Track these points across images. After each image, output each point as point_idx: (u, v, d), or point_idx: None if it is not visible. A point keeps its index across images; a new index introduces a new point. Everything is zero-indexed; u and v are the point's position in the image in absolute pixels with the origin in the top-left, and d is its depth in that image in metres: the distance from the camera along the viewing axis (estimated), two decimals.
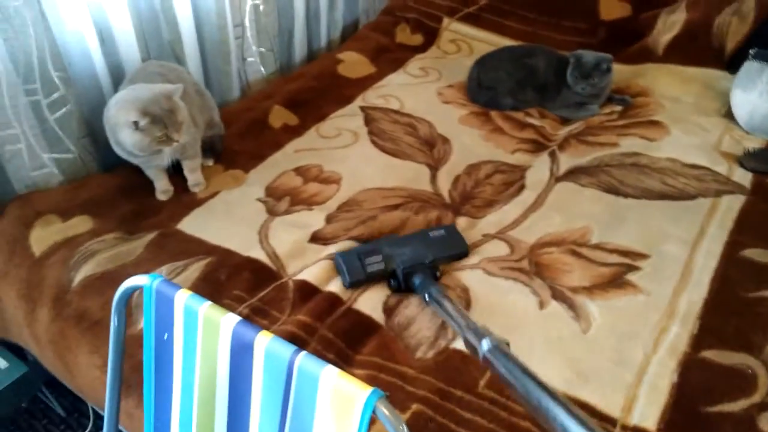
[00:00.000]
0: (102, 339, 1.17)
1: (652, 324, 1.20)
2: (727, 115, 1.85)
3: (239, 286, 1.29)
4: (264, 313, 1.24)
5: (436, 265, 1.31)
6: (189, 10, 1.77)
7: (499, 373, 0.88)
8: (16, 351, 1.47)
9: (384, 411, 0.66)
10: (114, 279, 1.28)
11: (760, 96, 1.76)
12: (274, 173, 1.64)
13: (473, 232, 1.45)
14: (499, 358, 0.90)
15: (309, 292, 1.27)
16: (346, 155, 1.72)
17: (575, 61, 1.88)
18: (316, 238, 1.43)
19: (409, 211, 1.50)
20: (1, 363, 1.45)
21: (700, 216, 1.47)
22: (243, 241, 1.40)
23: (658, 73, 2.06)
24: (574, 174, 1.64)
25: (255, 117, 1.85)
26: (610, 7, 2.29)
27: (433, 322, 1.21)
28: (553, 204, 1.54)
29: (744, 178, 1.60)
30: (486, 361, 0.92)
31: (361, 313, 1.24)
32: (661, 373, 1.11)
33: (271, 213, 1.50)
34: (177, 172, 1.57)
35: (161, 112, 1.35)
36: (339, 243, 1.39)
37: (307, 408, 0.72)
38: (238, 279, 1.30)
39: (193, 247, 1.39)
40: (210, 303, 0.80)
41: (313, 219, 1.48)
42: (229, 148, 1.72)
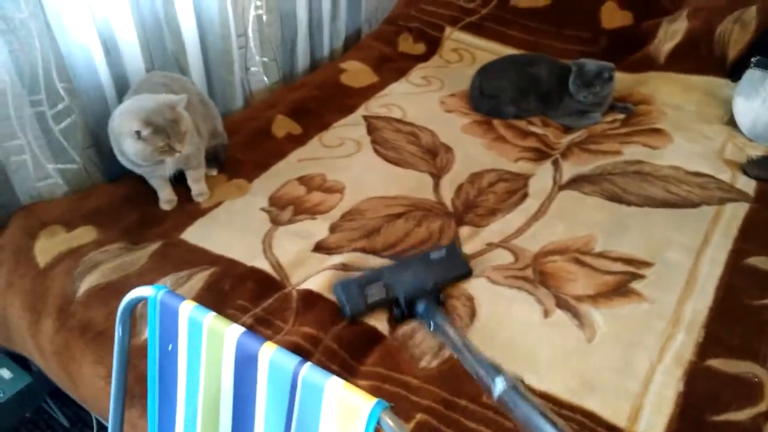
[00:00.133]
0: (106, 349, 1.17)
1: (657, 332, 1.20)
2: (730, 122, 1.85)
3: (243, 295, 1.29)
4: (268, 323, 1.24)
5: (439, 289, 1.29)
6: (192, 20, 1.79)
7: (515, 414, 0.86)
8: (21, 361, 1.47)
9: (389, 422, 0.66)
10: (118, 289, 1.28)
11: (763, 104, 1.76)
12: (278, 183, 1.64)
13: (476, 240, 1.45)
14: (515, 400, 0.87)
15: (312, 302, 1.27)
16: (349, 164, 1.72)
17: (577, 70, 1.89)
18: (319, 247, 1.43)
19: (412, 221, 1.50)
20: (6, 373, 1.45)
21: (704, 224, 1.47)
22: (247, 251, 1.41)
23: (660, 81, 2.06)
24: (577, 182, 1.64)
25: (258, 126, 1.85)
26: (612, 15, 2.30)
27: None
28: (557, 212, 1.53)
29: (747, 185, 1.60)
30: (501, 402, 0.90)
31: (364, 323, 1.23)
32: (666, 382, 1.10)
33: (275, 222, 1.50)
34: (181, 181, 1.58)
35: (164, 122, 1.35)
36: (344, 254, 1.39)
37: (312, 420, 0.72)
38: (242, 289, 1.30)
39: (197, 257, 1.39)
40: (214, 314, 0.80)
41: (317, 228, 1.48)
42: (232, 158, 1.72)
